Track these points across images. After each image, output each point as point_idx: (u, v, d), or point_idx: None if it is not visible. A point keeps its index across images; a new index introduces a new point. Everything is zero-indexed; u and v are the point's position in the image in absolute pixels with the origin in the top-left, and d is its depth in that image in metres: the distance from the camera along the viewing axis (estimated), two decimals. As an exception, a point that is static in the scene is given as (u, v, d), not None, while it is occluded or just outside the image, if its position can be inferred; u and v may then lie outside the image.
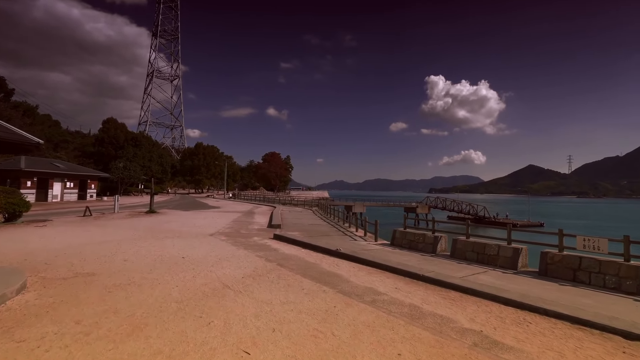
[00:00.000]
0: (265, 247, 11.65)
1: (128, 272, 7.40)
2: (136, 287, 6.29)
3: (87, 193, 36.87)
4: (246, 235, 14.37)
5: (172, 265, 8.25)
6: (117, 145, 55.06)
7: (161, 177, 67.57)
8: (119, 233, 13.65)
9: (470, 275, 8.91)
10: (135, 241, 11.71)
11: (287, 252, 10.83)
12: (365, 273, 8.26)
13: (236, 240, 12.76)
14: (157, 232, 14.22)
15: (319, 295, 6.23)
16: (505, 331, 4.79)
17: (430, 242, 12.46)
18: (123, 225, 16.32)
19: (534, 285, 8.00)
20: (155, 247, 10.59)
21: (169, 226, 16.49)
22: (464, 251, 11.35)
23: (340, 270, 8.43)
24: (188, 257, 9.20)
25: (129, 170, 45.01)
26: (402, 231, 13.70)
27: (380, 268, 8.82)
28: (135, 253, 9.58)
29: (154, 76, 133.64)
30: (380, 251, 12.01)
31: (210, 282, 6.78)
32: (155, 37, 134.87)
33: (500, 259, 10.33)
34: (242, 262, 8.83)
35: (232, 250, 10.68)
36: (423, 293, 6.68)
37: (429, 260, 10.69)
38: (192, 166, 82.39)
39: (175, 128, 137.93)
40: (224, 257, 9.38)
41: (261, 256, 9.84)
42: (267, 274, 7.73)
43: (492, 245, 10.66)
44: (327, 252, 10.84)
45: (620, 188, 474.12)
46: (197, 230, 15.27)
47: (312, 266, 8.80)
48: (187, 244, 11.57)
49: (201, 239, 12.90)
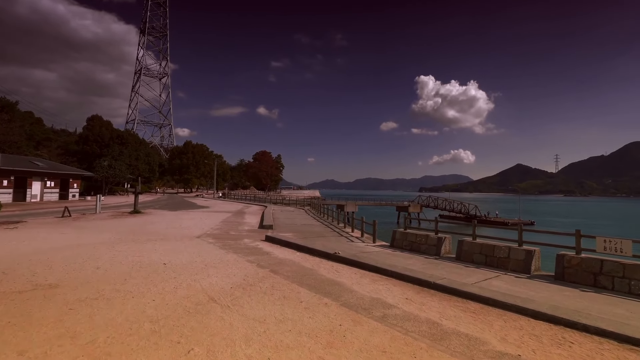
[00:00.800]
0: (256, 250, 10.73)
1: (98, 283, 6.41)
2: (104, 303, 5.33)
3: (69, 193, 35.15)
4: (236, 238, 13.41)
5: (151, 273, 7.28)
6: (102, 143, 53.15)
7: (149, 177, 65.74)
8: (97, 236, 12.54)
9: (482, 280, 8.16)
10: (113, 245, 10.65)
11: (281, 256, 9.93)
12: (369, 280, 7.43)
13: (225, 243, 11.80)
14: (139, 235, 13.14)
15: (321, 309, 5.36)
16: (547, 355, 4.00)
17: (434, 243, 11.70)
18: (103, 227, 15.16)
19: (553, 291, 7.29)
20: (135, 252, 9.57)
21: (152, 228, 15.40)
22: (470, 253, 10.62)
23: (341, 277, 7.58)
24: (170, 264, 8.22)
25: (114, 169, 43.31)
26: (403, 232, 12.92)
27: (384, 274, 8.00)
28: (110, 259, 8.55)
29: (142, 74, 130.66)
30: (380, 254, 11.20)
31: (194, 295, 5.85)
32: (143, 34, 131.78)
33: (511, 262, 9.63)
34: (231, 269, 7.90)
35: (220, 254, 9.73)
36: (438, 304, 5.87)
37: (434, 264, 9.92)
38: (181, 165, 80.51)
39: (164, 127, 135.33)
40: (210, 263, 8.44)
41: (252, 261, 8.92)
42: (260, 282, 6.83)
43: (502, 247, 9.94)
44: (324, 255, 9.97)
45: (605, 187, 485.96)
46: (183, 232, 14.23)
47: (309, 273, 7.93)
48: (170, 247, 10.57)
49: (187, 241, 11.90)
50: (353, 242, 13.77)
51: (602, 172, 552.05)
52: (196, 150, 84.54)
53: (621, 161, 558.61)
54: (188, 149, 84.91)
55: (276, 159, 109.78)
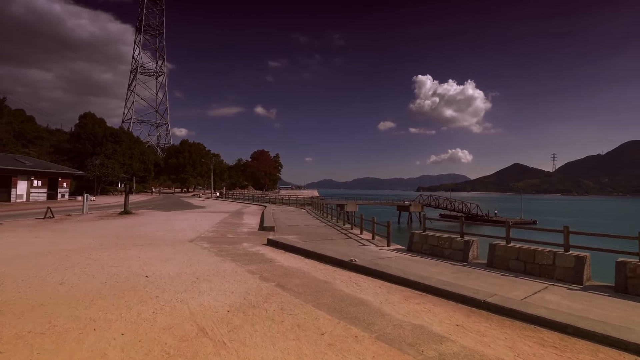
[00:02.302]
0: (258, 256, 9.27)
1: (55, 306, 4.93)
2: (51, 341, 3.85)
3: (58, 193, 33.42)
4: (234, 241, 11.93)
5: (128, 290, 5.80)
6: (95, 141, 51.37)
7: (144, 176, 64.05)
8: (75, 240, 11.02)
9: (532, 294, 6.75)
10: (90, 251, 9.15)
11: (287, 263, 8.47)
12: (400, 297, 5.98)
13: (221, 248, 10.32)
14: (124, 238, 11.64)
15: (352, 347, 3.91)
16: None
17: (460, 247, 10.28)
18: (85, 230, 13.63)
19: (629, 310, 5.88)
20: (114, 261, 8.07)
21: (141, 230, 13.88)
22: (505, 259, 9.21)
23: (365, 293, 6.13)
24: (154, 276, 6.74)
25: (106, 167, 41.59)
26: (422, 234, 11.49)
27: (416, 288, 6.55)
28: (81, 270, 7.05)
29: (138, 72, 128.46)
30: (400, 260, 9.77)
31: (178, 324, 4.39)
32: (139, 32, 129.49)
33: (557, 269, 8.23)
34: (228, 283, 6.43)
35: (216, 262, 8.25)
36: (501, 334, 4.44)
37: (465, 273, 8.50)
38: (177, 164, 78.70)
39: (161, 126, 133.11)
40: (203, 275, 6.96)
41: (254, 271, 7.46)
42: (265, 303, 5.37)
43: (544, 253, 8.53)
44: (338, 263, 8.51)
45: (602, 185, 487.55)
46: (175, 236, 12.73)
47: (324, 287, 6.47)
48: (157, 254, 9.07)
49: (178, 246, 10.41)
50: (365, 245, 12.34)
51: (598, 171, 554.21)
52: (193, 149, 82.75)
53: (618, 160, 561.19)
54: (184, 147, 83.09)
55: (274, 158, 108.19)
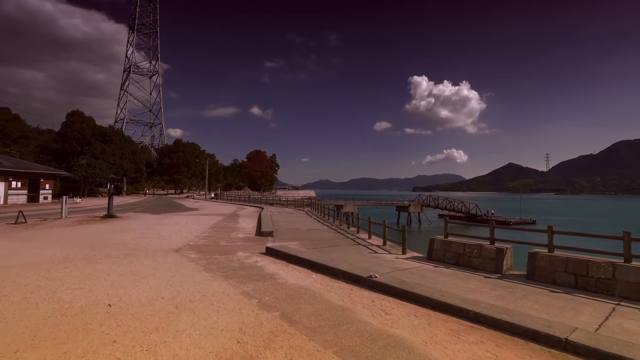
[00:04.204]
0: (255, 270, 7.69)
1: (-44, 364, 3.33)
2: None
3: (40, 194, 31.43)
4: (227, 250, 10.34)
5: (76, 330, 4.20)
6: (84, 140, 49.26)
7: (135, 177, 62.01)
8: (37, 251, 9.34)
9: (603, 321, 5.27)
10: (49, 267, 7.50)
11: (291, 280, 6.91)
12: (447, 332, 4.46)
13: (212, 260, 8.72)
14: (98, 248, 9.99)
15: None
16: None
17: (492, 256, 8.80)
18: (56, 238, 11.94)
19: None
20: (74, 280, 6.44)
21: (121, 237, 12.21)
22: (550, 271, 7.75)
23: (399, 327, 4.60)
24: (119, 305, 5.14)
25: (93, 167, 39.59)
26: (444, 240, 10.00)
27: (462, 316, 5.03)
28: (23, 298, 5.41)
29: (132, 72, 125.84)
30: (424, 273, 8.26)
31: (134, 399, 2.81)
32: (132, 30, 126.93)
33: (619, 285, 6.78)
34: (216, 315, 4.86)
35: (203, 281, 6.66)
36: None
37: (508, 290, 7.00)
38: (171, 165, 76.56)
39: (155, 126, 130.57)
40: (185, 301, 5.38)
41: (251, 294, 5.89)
42: (266, 350, 3.81)
43: (600, 264, 7.08)
44: (354, 280, 6.97)
45: (595, 185, 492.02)
46: (159, 244, 11.09)
47: (344, 317, 4.93)
48: (133, 269, 7.46)
49: (160, 258, 8.79)
50: (377, 253, 10.82)
51: (591, 171, 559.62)
52: (187, 149, 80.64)
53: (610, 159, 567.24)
54: (178, 147, 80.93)
55: (271, 159, 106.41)
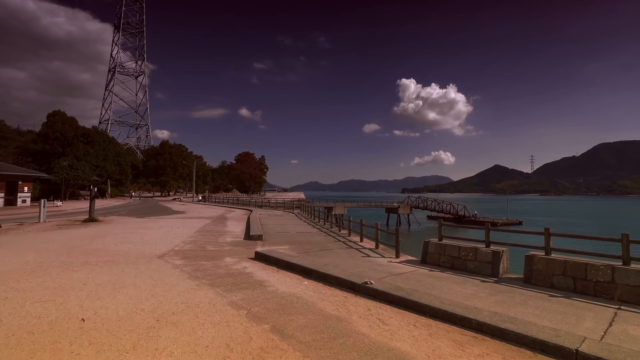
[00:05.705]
0: (244, 277, 7.29)
1: None
2: None
3: (18, 197, 30.13)
4: (214, 256, 9.89)
5: (43, 351, 3.74)
6: (65, 142, 47.70)
7: (120, 179, 60.42)
8: (9, 259, 8.71)
9: (607, 327, 5.10)
10: (20, 276, 6.94)
11: (282, 288, 6.55)
12: (451, 344, 4.18)
13: (198, 267, 8.27)
14: (76, 255, 9.40)
15: None
16: None
17: (488, 260, 8.62)
18: (31, 244, 11.25)
19: None
20: (46, 292, 5.93)
21: (102, 243, 11.60)
22: (548, 275, 7.60)
23: (399, 339, 4.30)
24: (94, 319, 4.69)
25: (75, 169, 38.29)
26: (439, 244, 9.78)
27: (465, 326, 4.76)
28: (-12, 311, 4.92)
29: (117, 72, 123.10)
30: (419, 277, 8.00)
31: None
32: (117, 30, 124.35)
33: (619, 288, 6.65)
34: (201, 329, 4.46)
35: (188, 290, 6.23)
36: None
37: (507, 294, 6.79)
38: (157, 166, 75.04)
39: (141, 127, 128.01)
40: (167, 314, 4.96)
41: (239, 304, 5.50)
42: (257, 369, 3.45)
43: (599, 267, 6.95)
44: (349, 286, 6.65)
45: (577, 186, 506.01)
46: (142, 249, 10.55)
47: (340, 329, 4.60)
48: (112, 278, 6.96)
49: (142, 265, 8.29)
50: (370, 257, 10.53)
51: (574, 172, 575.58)
52: (174, 151, 79.21)
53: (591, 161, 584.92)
54: (165, 149, 79.43)
55: (260, 161, 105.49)
